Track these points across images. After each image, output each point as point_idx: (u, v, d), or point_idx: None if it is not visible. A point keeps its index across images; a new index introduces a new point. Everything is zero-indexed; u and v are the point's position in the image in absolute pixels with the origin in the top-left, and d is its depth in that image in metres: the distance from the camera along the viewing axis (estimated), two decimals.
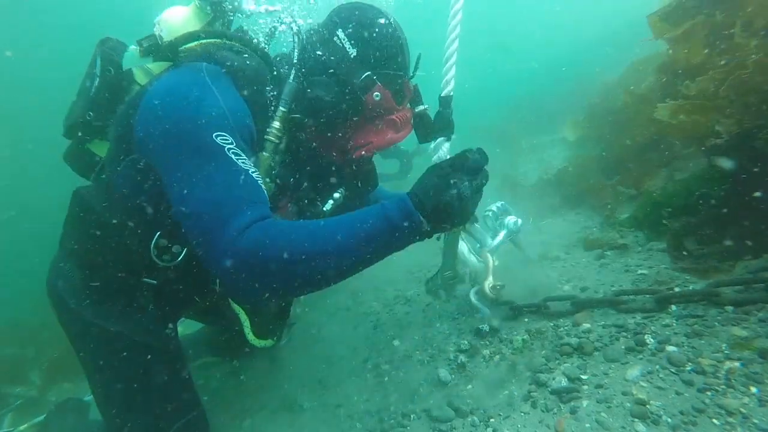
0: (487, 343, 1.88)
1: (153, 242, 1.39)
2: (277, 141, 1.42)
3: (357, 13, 1.49)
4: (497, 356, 1.76)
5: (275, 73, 1.51)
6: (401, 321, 2.38)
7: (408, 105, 1.59)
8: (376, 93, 1.44)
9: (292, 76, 1.46)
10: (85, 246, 1.50)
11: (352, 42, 1.44)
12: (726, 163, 1.71)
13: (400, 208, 1.16)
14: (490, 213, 2.20)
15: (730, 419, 1.09)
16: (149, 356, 1.56)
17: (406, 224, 1.15)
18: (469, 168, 1.22)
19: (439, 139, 1.99)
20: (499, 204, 2.28)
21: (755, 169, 1.61)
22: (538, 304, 1.85)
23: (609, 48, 5.75)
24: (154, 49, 1.48)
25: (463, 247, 2.10)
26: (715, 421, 1.10)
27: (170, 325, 1.65)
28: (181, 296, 1.58)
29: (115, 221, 1.41)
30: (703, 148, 1.94)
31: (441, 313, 2.27)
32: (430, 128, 1.64)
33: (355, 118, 1.49)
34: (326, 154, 1.59)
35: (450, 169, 1.22)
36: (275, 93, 1.47)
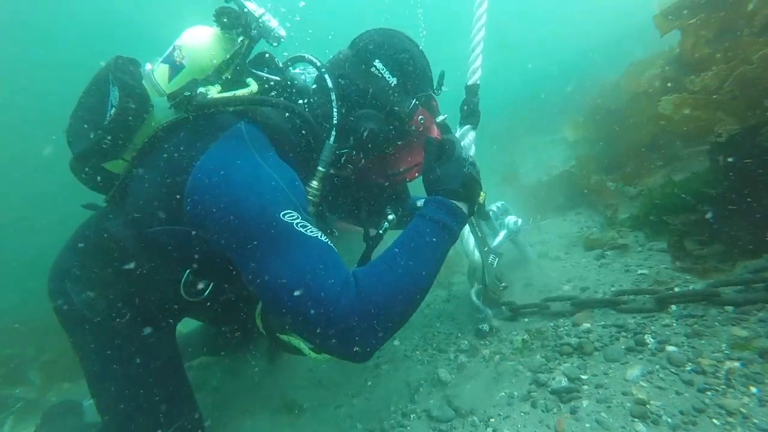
0: (487, 343, 1.88)
1: (183, 281, 1.40)
2: (316, 200, 1.42)
3: (388, 41, 1.51)
4: (497, 356, 1.76)
5: (311, 124, 1.46)
6: None
7: None
8: (421, 117, 1.51)
9: (332, 138, 1.44)
10: (108, 277, 1.49)
11: (391, 70, 1.47)
12: (727, 161, 1.71)
13: (443, 207, 1.32)
14: (490, 213, 2.20)
15: (730, 419, 1.09)
16: (151, 357, 1.56)
17: (452, 222, 1.30)
18: (457, 146, 1.42)
19: (466, 127, 1.98)
20: (499, 204, 2.28)
21: (757, 168, 1.60)
22: (539, 304, 1.86)
23: (610, 49, 5.75)
24: (188, 105, 1.35)
25: (470, 240, 2.08)
26: (715, 421, 1.10)
27: (170, 320, 1.65)
28: (202, 314, 1.63)
29: (147, 264, 1.41)
30: (705, 147, 1.94)
31: (441, 313, 2.27)
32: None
33: (399, 142, 1.55)
34: (372, 182, 1.63)
35: (450, 154, 1.41)
36: (312, 149, 1.45)
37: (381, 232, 1.65)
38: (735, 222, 1.66)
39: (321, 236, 1.21)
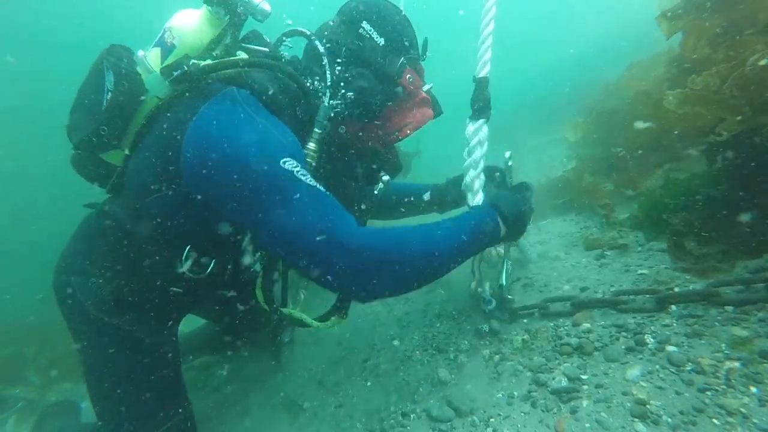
0: (487, 343, 1.88)
1: (183, 256, 1.40)
2: (313, 162, 1.42)
3: (374, 4, 1.57)
4: (497, 356, 1.76)
5: (305, 87, 1.48)
6: (401, 321, 2.38)
7: None
8: (409, 75, 1.55)
9: (326, 99, 1.48)
10: (110, 260, 1.50)
11: (379, 31, 1.53)
12: (727, 161, 1.71)
13: (489, 216, 1.47)
14: None
15: (730, 419, 1.09)
16: (150, 355, 1.57)
17: (491, 230, 1.44)
18: (532, 194, 1.68)
19: (480, 121, 1.98)
20: None
21: (757, 168, 1.60)
22: (538, 305, 1.86)
23: (612, 49, 5.76)
24: (182, 76, 1.37)
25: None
26: (715, 421, 1.10)
27: (170, 323, 1.66)
28: (204, 303, 1.64)
29: (147, 239, 1.42)
30: (704, 148, 1.94)
31: (441, 313, 2.27)
32: (436, 105, 1.71)
33: (390, 103, 1.59)
34: (366, 144, 1.64)
35: (523, 190, 1.69)
36: (306, 110, 1.48)
37: (376, 192, 1.67)
38: (735, 222, 1.66)
39: (319, 186, 1.23)
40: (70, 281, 1.57)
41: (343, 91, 1.51)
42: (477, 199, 2.04)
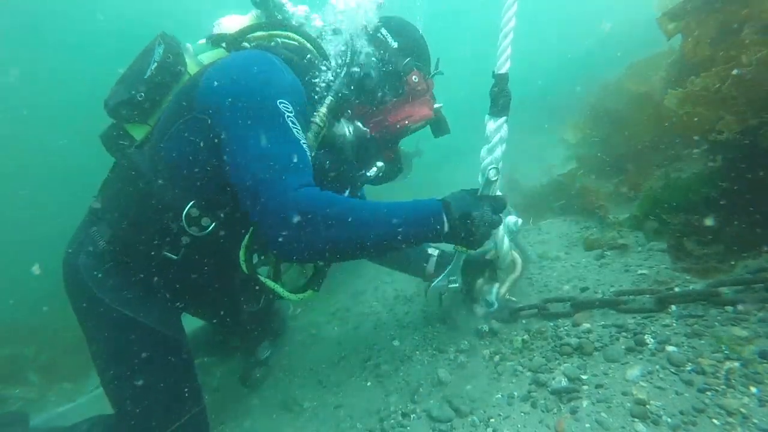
0: (487, 343, 1.88)
1: (185, 210, 1.46)
2: (321, 125, 1.55)
3: (395, 19, 1.82)
4: (497, 356, 1.76)
5: (325, 66, 1.68)
6: (401, 321, 2.38)
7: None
8: (415, 76, 1.74)
9: (343, 73, 1.66)
10: (121, 204, 1.59)
11: (394, 37, 1.76)
12: (727, 161, 1.71)
13: (434, 209, 1.44)
14: None
15: (730, 419, 1.09)
16: (161, 346, 1.60)
17: (431, 223, 1.41)
18: (497, 206, 1.58)
19: (503, 119, 1.97)
20: None
21: (756, 168, 1.60)
22: (537, 305, 1.85)
23: (612, 49, 5.75)
24: (220, 39, 1.65)
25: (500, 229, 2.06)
26: (715, 421, 1.10)
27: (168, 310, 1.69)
28: (197, 278, 1.66)
29: (155, 184, 1.50)
30: (705, 148, 1.94)
31: (441, 313, 2.27)
32: (445, 124, 1.90)
33: (395, 99, 1.76)
34: (369, 130, 1.77)
35: (484, 197, 1.60)
36: (324, 84, 1.65)
37: (369, 174, 1.79)
38: (735, 222, 1.66)
39: (303, 141, 1.34)
40: (78, 264, 1.61)
41: (355, 75, 1.66)
42: None
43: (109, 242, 1.58)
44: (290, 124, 1.31)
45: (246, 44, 1.62)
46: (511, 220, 2.15)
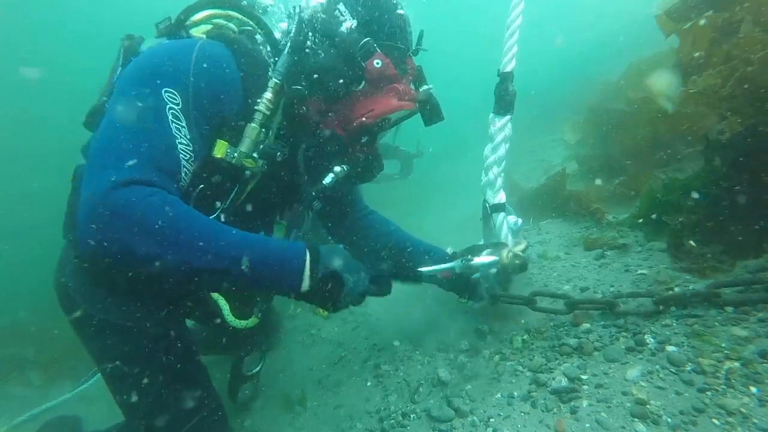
0: (487, 343, 1.88)
1: None
2: (267, 113, 1.42)
3: None
4: (497, 356, 1.76)
5: (277, 48, 1.54)
6: (401, 321, 2.38)
7: (412, 86, 1.56)
8: (377, 60, 1.43)
9: (287, 48, 1.46)
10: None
11: (353, 13, 1.46)
12: (727, 161, 1.71)
13: (297, 249, 1.23)
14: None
15: (730, 419, 1.09)
16: (164, 348, 1.54)
17: (288, 265, 1.19)
18: (378, 281, 1.42)
19: (507, 117, 1.94)
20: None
21: (757, 167, 1.60)
22: (527, 297, 1.82)
23: (613, 49, 5.75)
24: (167, 29, 1.52)
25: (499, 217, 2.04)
26: (715, 421, 1.10)
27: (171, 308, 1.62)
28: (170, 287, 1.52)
29: None
30: (704, 148, 1.94)
31: (441, 313, 2.27)
32: (437, 111, 1.60)
33: (356, 89, 1.48)
34: (327, 128, 1.54)
35: (364, 266, 1.37)
36: (267, 62, 1.50)
37: (325, 183, 1.57)
38: (735, 222, 1.66)
39: (179, 141, 1.20)
40: (67, 285, 1.55)
41: (302, 62, 1.46)
42: (499, 197, 2.00)
43: (78, 258, 1.48)
44: (168, 116, 1.18)
45: (183, 33, 1.51)
46: (511, 220, 2.15)
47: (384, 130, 1.64)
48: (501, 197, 2.04)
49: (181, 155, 1.20)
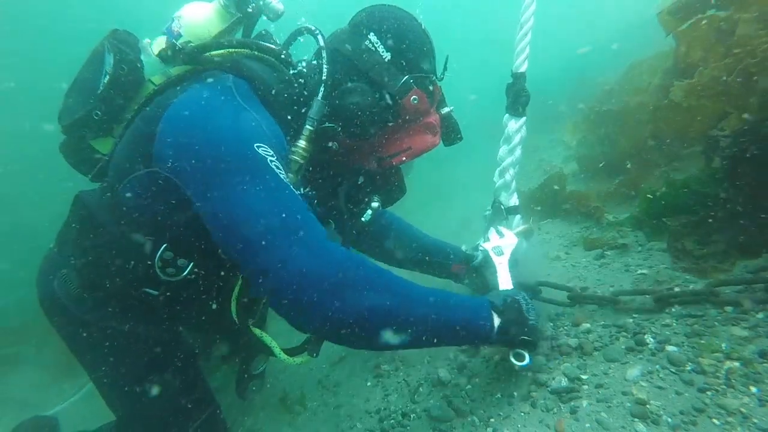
0: None
1: (158, 255, 1.30)
2: (302, 161, 1.34)
3: (387, 15, 1.46)
4: (497, 356, 1.76)
5: (303, 84, 1.44)
6: None
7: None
8: (414, 96, 1.42)
9: (320, 94, 1.37)
10: (85, 254, 1.40)
11: (386, 46, 1.42)
12: (727, 160, 1.71)
13: (476, 299, 1.33)
14: (490, 213, 2.19)
15: (730, 419, 1.09)
16: (158, 351, 1.50)
17: (478, 312, 1.28)
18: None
19: (523, 119, 1.95)
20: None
21: (758, 167, 1.60)
22: (532, 286, 1.82)
23: (612, 49, 5.75)
24: (174, 55, 1.38)
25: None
26: (715, 421, 1.10)
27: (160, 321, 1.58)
28: (182, 310, 1.51)
29: (119, 232, 1.33)
30: (704, 147, 1.94)
31: None
32: (456, 130, 1.61)
33: (390, 124, 1.48)
34: (358, 164, 1.55)
35: (534, 310, 1.41)
36: (302, 109, 1.39)
37: (363, 219, 1.56)
38: (735, 222, 1.66)
39: (292, 187, 1.14)
40: (53, 287, 1.49)
41: (336, 102, 1.40)
42: (513, 200, 2.01)
43: (81, 288, 1.42)
44: (274, 168, 1.10)
45: (221, 53, 1.37)
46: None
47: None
48: (514, 200, 2.05)
49: (301, 199, 1.16)
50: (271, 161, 1.11)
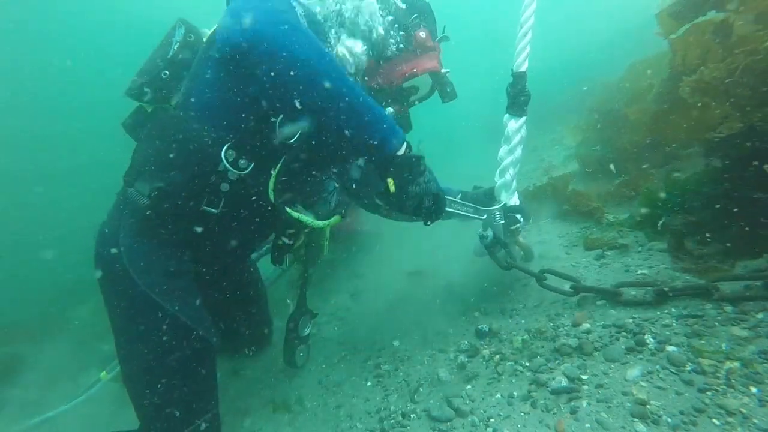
0: (487, 343, 1.88)
1: (223, 152, 1.50)
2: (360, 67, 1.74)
3: None
4: (497, 356, 1.76)
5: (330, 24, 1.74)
6: (401, 321, 2.37)
7: None
8: (422, 32, 1.85)
9: (347, 27, 1.74)
10: (159, 156, 1.57)
11: (401, 1, 1.85)
12: (726, 160, 1.71)
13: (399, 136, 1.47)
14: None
15: (730, 419, 1.09)
16: (191, 345, 1.56)
17: (385, 127, 1.42)
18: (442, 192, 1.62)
19: (523, 119, 1.99)
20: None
21: (756, 167, 1.60)
22: (536, 273, 1.85)
23: (612, 49, 5.75)
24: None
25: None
26: (715, 421, 1.10)
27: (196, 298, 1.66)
28: (236, 237, 1.70)
29: (194, 125, 1.51)
30: (703, 148, 1.94)
31: (441, 312, 2.27)
32: (452, 90, 1.97)
33: (403, 53, 1.85)
34: (377, 82, 1.87)
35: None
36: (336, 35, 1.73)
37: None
38: (735, 222, 1.66)
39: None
40: (109, 253, 1.58)
41: (360, 29, 1.74)
42: (514, 200, 2.02)
43: (150, 197, 1.53)
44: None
45: None
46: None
47: (413, 98, 1.98)
48: (515, 199, 2.05)
49: None
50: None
